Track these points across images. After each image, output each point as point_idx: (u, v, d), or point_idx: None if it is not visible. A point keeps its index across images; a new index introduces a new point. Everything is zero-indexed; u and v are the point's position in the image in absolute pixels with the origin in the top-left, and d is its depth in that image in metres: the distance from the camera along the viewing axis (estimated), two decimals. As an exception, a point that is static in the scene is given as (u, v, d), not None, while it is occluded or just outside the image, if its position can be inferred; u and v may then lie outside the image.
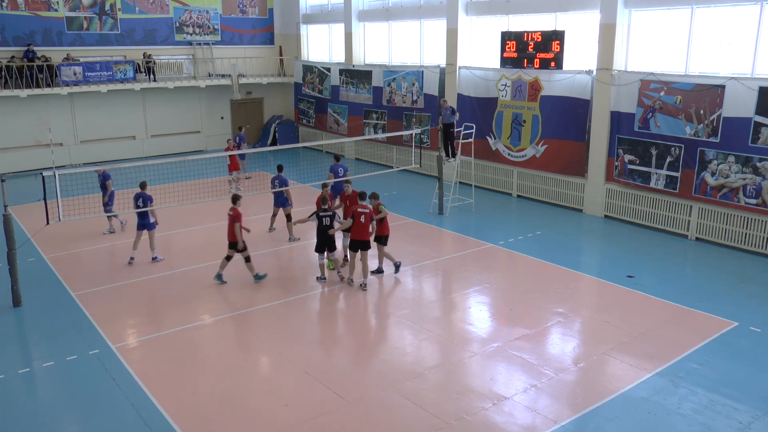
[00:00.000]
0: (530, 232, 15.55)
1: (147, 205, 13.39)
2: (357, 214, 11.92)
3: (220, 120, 27.60)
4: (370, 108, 23.82)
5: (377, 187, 19.93)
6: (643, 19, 15.77)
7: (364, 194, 12.29)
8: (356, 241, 12.00)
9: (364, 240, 11.96)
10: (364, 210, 11.94)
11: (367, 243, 11.99)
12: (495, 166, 19.35)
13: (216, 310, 11.35)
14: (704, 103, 14.10)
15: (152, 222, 13.66)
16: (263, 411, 8.19)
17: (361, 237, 11.94)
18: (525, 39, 17.69)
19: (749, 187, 13.61)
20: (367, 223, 11.92)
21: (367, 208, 12.01)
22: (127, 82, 24.12)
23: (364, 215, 11.89)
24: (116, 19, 24.82)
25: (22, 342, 10.48)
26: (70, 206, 14.87)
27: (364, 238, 11.95)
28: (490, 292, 12.07)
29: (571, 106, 16.92)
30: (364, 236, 11.94)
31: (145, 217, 13.49)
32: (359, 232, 11.93)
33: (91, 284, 12.47)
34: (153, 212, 13.66)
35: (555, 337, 10.22)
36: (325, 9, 26.85)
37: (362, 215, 11.90)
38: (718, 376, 8.89)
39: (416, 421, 7.94)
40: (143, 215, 13.48)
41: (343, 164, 15.94)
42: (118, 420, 8.06)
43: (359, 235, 11.94)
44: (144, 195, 13.52)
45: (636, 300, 11.53)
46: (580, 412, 8.08)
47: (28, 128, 23.04)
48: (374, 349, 9.96)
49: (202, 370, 9.20)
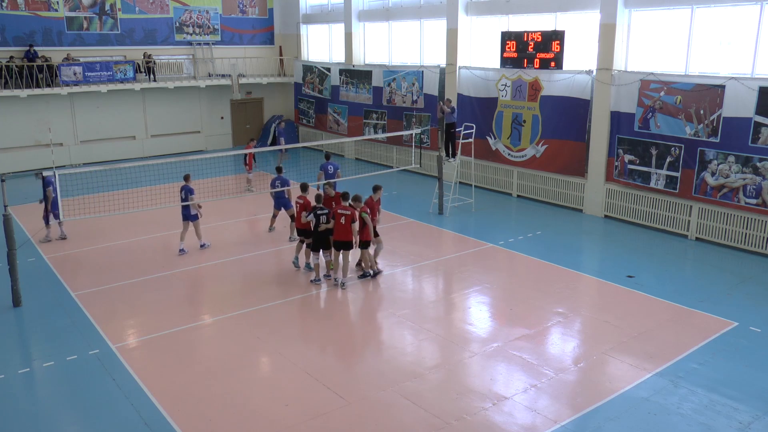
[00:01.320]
0: (530, 232, 15.55)
1: (188, 197, 13.88)
2: (338, 215, 11.95)
3: (220, 120, 27.60)
4: (370, 108, 23.82)
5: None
6: (643, 19, 15.77)
7: (347, 195, 12.24)
8: (338, 241, 12.09)
9: (346, 240, 12.02)
10: (345, 212, 11.90)
11: (349, 243, 12.04)
12: (495, 166, 19.35)
13: (216, 310, 11.35)
14: (704, 103, 14.10)
15: (194, 214, 14.07)
16: (263, 411, 8.19)
17: (341, 237, 12.02)
18: (525, 39, 17.69)
19: (749, 187, 13.61)
20: (348, 224, 11.88)
21: (349, 209, 11.93)
22: (127, 82, 24.12)
23: (345, 216, 11.87)
24: (116, 19, 24.82)
25: (22, 342, 10.48)
26: (70, 206, 14.90)
27: (346, 238, 12.00)
28: (490, 292, 12.07)
29: (571, 106, 16.92)
30: (344, 236, 11.99)
31: (188, 208, 13.98)
32: (340, 233, 11.99)
33: (91, 284, 12.47)
34: (193, 205, 14.02)
35: (555, 337, 10.22)
36: (325, 9, 26.85)
37: (342, 216, 11.89)
38: (718, 376, 8.89)
39: (416, 421, 7.94)
40: (186, 207, 13.98)
41: (334, 162, 16.10)
42: (118, 420, 8.06)
43: (340, 235, 12.01)
44: (187, 187, 13.99)
45: (636, 300, 11.53)
46: (580, 412, 8.08)
47: (28, 128, 23.05)
48: (374, 349, 9.96)
49: (202, 370, 9.20)
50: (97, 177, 18.04)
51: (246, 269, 13.24)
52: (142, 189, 17.87)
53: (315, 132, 27.01)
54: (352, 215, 11.89)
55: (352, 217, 11.89)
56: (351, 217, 11.88)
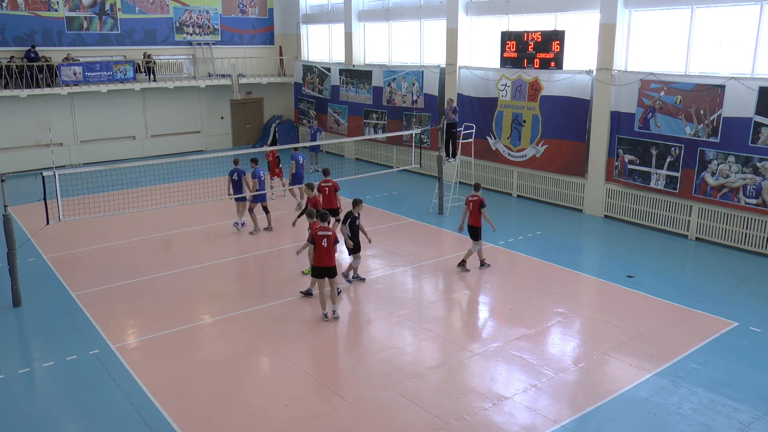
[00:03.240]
0: (530, 232, 15.55)
1: (241, 178, 15.11)
2: (318, 238, 10.44)
3: (220, 120, 27.61)
4: (370, 108, 23.82)
5: (377, 187, 20.13)
6: (643, 19, 15.77)
7: (325, 215, 10.89)
8: (319, 268, 10.57)
9: (330, 266, 10.57)
10: (325, 233, 10.48)
11: (333, 269, 10.62)
12: (495, 166, 19.36)
13: (216, 310, 11.35)
14: (704, 103, 14.10)
15: (243, 195, 15.23)
16: (263, 411, 8.19)
17: (325, 263, 10.52)
18: (525, 39, 17.69)
19: (749, 187, 13.61)
20: (330, 246, 10.47)
21: (329, 229, 10.58)
22: (127, 82, 24.11)
23: (327, 239, 10.45)
24: (116, 19, 24.82)
25: (22, 342, 10.48)
26: (70, 206, 14.90)
27: (329, 263, 10.54)
28: (490, 292, 12.07)
29: (571, 106, 16.92)
30: (328, 262, 10.51)
31: (239, 190, 15.15)
32: (323, 258, 10.49)
33: (91, 284, 12.47)
34: (247, 185, 15.19)
35: (555, 337, 10.22)
36: (325, 9, 26.85)
37: (324, 239, 10.45)
38: (718, 376, 8.89)
39: (416, 421, 7.94)
40: (238, 189, 15.16)
41: (302, 153, 17.32)
42: (118, 420, 8.05)
43: (323, 260, 10.50)
44: (238, 170, 15.16)
45: (636, 300, 11.53)
46: (580, 412, 8.08)
47: (28, 128, 23.05)
48: (374, 349, 9.95)
49: (202, 370, 9.20)
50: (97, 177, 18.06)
51: (246, 269, 13.24)
52: (142, 189, 17.89)
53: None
54: (333, 236, 10.59)
55: (334, 238, 10.60)
56: (333, 238, 10.56)
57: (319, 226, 10.59)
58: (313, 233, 10.55)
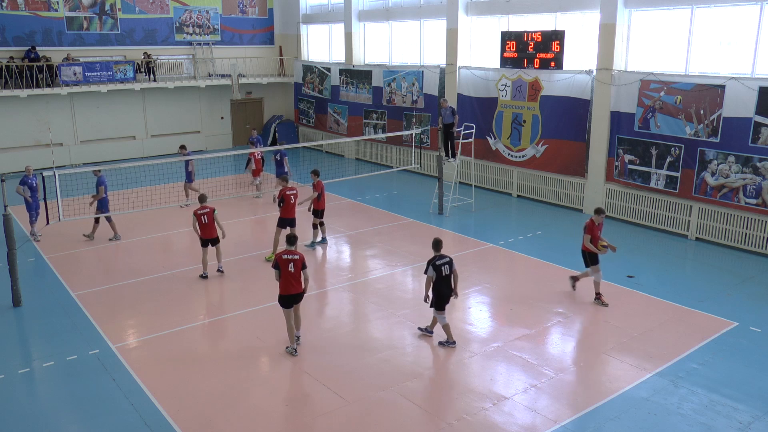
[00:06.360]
0: (530, 232, 15.55)
1: (283, 158, 17.11)
2: (283, 262, 9.31)
3: (220, 120, 27.60)
4: (370, 108, 23.82)
5: (377, 187, 20.13)
6: (643, 19, 15.77)
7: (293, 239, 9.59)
8: (287, 297, 9.47)
9: (298, 294, 9.55)
10: (292, 257, 9.38)
11: (300, 296, 9.60)
12: (495, 166, 19.35)
13: (216, 310, 11.35)
14: (704, 103, 14.10)
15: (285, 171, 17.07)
16: (263, 411, 8.19)
17: (291, 291, 9.47)
18: (525, 39, 17.69)
19: (749, 187, 13.61)
20: (298, 271, 9.38)
21: (296, 253, 9.44)
22: (127, 82, 24.11)
23: (293, 263, 9.36)
24: (116, 19, 24.81)
25: (22, 342, 10.48)
26: (70, 206, 14.90)
27: (296, 290, 9.50)
28: (490, 292, 12.07)
29: (571, 106, 16.92)
30: (296, 288, 9.49)
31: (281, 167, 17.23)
32: (289, 285, 9.42)
33: (91, 284, 12.47)
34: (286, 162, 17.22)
35: (555, 337, 10.22)
36: (325, 9, 26.85)
37: (290, 263, 9.35)
38: (718, 376, 8.89)
39: (416, 421, 7.94)
40: (281, 165, 17.22)
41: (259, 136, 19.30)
42: (118, 420, 8.05)
43: (289, 288, 9.43)
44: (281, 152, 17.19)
45: (636, 300, 11.53)
46: (580, 412, 8.08)
47: (28, 128, 23.04)
48: (374, 349, 9.95)
49: (202, 370, 9.20)
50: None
51: (246, 269, 13.24)
52: (142, 189, 17.89)
53: (315, 132, 27.00)
54: (301, 259, 9.44)
55: (302, 262, 9.43)
56: (301, 262, 9.41)
57: (285, 250, 9.45)
58: (277, 257, 9.38)
